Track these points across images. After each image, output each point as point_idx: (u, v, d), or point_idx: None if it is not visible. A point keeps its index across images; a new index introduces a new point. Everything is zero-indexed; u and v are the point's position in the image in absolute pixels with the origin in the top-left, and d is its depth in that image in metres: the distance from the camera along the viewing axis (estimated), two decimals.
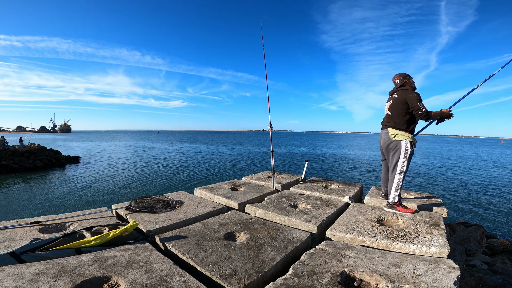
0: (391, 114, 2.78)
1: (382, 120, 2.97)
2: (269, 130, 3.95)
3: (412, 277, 1.51)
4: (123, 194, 12.67)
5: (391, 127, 2.77)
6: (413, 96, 2.62)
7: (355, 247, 1.94)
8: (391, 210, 2.69)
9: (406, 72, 2.89)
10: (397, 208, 2.66)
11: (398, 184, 2.66)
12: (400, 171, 2.65)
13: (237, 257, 1.76)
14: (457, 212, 10.46)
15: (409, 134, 2.68)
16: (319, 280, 1.50)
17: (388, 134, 2.77)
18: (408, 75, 2.82)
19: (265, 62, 3.81)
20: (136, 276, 1.49)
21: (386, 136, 2.81)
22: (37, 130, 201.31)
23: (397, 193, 2.67)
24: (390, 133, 2.74)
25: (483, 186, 15.50)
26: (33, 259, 1.66)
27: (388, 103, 2.88)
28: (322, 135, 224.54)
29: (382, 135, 2.91)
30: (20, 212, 10.13)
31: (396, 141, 2.69)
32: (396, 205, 2.68)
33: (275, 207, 2.83)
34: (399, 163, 2.66)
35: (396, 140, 2.69)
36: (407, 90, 2.71)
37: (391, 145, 2.75)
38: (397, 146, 2.69)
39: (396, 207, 2.67)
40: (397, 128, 2.71)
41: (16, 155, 20.43)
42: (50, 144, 36.84)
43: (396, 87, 2.86)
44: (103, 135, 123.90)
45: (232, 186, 3.83)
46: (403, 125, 2.69)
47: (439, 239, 2.02)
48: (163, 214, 2.61)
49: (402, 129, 2.69)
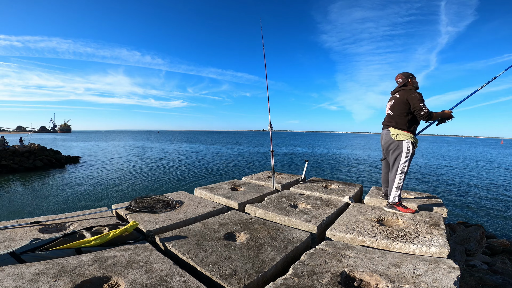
0: (392, 114, 2.77)
1: (384, 119, 2.95)
2: (269, 130, 3.95)
3: (412, 277, 1.51)
4: (123, 194, 12.67)
5: (392, 127, 2.76)
6: (415, 96, 2.60)
7: (355, 247, 1.94)
8: (391, 210, 2.68)
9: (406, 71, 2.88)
10: (397, 208, 2.66)
11: (399, 184, 2.66)
12: (401, 171, 2.65)
13: (237, 257, 1.76)
14: (457, 212, 10.46)
15: (411, 134, 2.67)
16: (319, 280, 1.50)
17: (390, 134, 2.76)
18: (411, 74, 2.79)
19: (265, 62, 3.81)
20: (136, 276, 1.49)
21: (388, 136, 2.80)
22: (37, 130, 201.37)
23: (398, 193, 2.67)
24: (392, 133, 2.73)
25: (483, 186, 15.50)
26: (33, 259, 1.66)
27: (390, 102, 2.86)
28: (322, 135, 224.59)
29: (384, 134, 2.90)
30: (20, 212, 10.13)
31: (398, 141, 2.69)
32: (396, 205, 2.67)
33: (275, 207, 2.83)
34: (400, 163, 2.65)
35: (397, 140, 2.69)
36: (409, 90, 2.69)
37: (392, 145, 2.74)
38: (399, 146, 2.68)
39: (396, 207, 2.67)
40: (399, 128, 2.70)
41: (16, 155, 20.43)
42: (50, 144, 36.84)
43: (398, 87, 2.84)
44: (103, 135, 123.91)
45: (232, 186, 3.83)
46: (405, 125, 2.68)
47: (439, 239, 2.02)
48: (163, 214, 2.61)
49: (403, 129, 2.68)
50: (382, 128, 2.96)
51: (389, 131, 2.79)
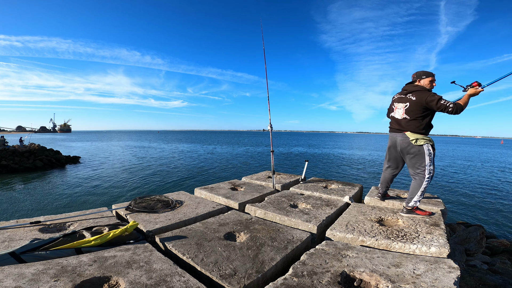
0: (409, 118, 2.65)
1: (395, 122, 2.79)
2: (269, 130, 3.95)
3: (412, 277, 1.51)
4: (123, 194, 12.68)
5: (410, 131, 2.65)
6: (433, 98, 2.49)
7: (355, 247, 1.94)
8: (409, 215, 2.60)
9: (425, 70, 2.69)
10: (417, 212, 2.61)
11: (425, 188, 2.59)
12: (429, 175, 2.57)
13: (237, 257, 1.76)
14: (457, 212, 10.47)
15: (429, 137, 2.62)
16: (319, 280, 1.50)
17: (409, 140, 2.64)
18: (425, 73, 2.66)
19: (265, 62, 3.81)
20: (136, 276, 1.49)
21: (405, 141, 2.68)
22: (37, 130, 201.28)
23: (421, 197, 2.60)
24: (411, 138, 2.62)
25: (483, 186, 15.50)
26: (33, 259, 1.66)
27: (402, 104, 2.71)
28: (322, 135, 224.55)
29: (399, 139, 2.74)
30: (20, 212, 10.13)
31: (418, 146, 2.60)
32: (414, 209, 2.62)
33: (275, 207, 2.83)
34: (426, 168, 2.57)
35: (418, 145, 2.60)
36: (425, 93, 2.57)
37: (413, 150, 2.63)
38: (420, 151, 2.59)
39: (415, 211, 2.62)
40: (417, 133, 2.61)
41: (16, 155, 20.44)
42: (50, 144, 36.84)
43: (410, 87, 2.71)
44: (103, 135, 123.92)
45: (232, 186, 3.83)
46: (422, 129, 2.60)
47: (439, 239, 2.02)
48: (163, 214, 2.61)
49: (422, 133, 2.61)
50: (394, 131, 2.80)
51: (405, 136, 2.67)
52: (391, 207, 3.06)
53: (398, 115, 2.74)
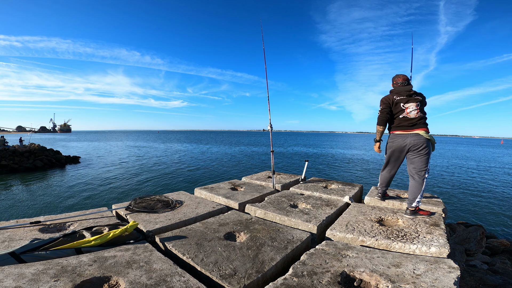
0: (423, 116, 2.70)
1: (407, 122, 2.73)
2: (269, 130, 3.95)
3: (412, 277, 1.51)
4: (123, 194, 12.67)
5: (425, 130, 2.66)
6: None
7: (355, 247, 1.94)
8: (413, 216, 2.58)
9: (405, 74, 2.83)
10: (420, 213, 2.60)
11: (425, 188, 2.61)
12: (428, 175, 2.62)
13: (237, 257, 1.76)
14: (457, 212, 10.46)
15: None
16: (319, 280, 1.50)
17: (423, 138, 2.63)
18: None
19: (265, 62, 3.81)
20: (136, 276, 1.49)
21: (420, 140, 2.64)
22: (37, 130, 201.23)
23: (422, 197, 2.61)
24: (426, 136, 2.63)
25: (483, 186, 15.50)
26: (33, 259, 1.66)
27: (413, 103, 2.69)
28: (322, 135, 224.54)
29: (411, 139, 2.69)
30: (20, 212, 10.13)
31: (430, 146, 2.65)
32: (417, 209, 2.61)
33: (275, 207, 2.83)
34: (428, 165, 2.61)
35: (430, 145, 2.65)
36: (421, 94, 2.77)
37: (424, 151, 2.62)
38: (429, 152, 2.64)
39: (419, 211, 2.61)
40: (428, 130, 2.67)
41: (16, 155, 20.43)
42: (50, 144, 36.84)
43: (411, 88, 2.75)
44: (103, 135, 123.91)
45: (232, 186, 3.83)
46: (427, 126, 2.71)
47: (439, 239, 2.02)
48: (163, 214, 2.61)
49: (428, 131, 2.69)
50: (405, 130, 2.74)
51: (420, 135, 2.64)
52: (391, 207, 3.06)
53: (413, 114, 2.69)
